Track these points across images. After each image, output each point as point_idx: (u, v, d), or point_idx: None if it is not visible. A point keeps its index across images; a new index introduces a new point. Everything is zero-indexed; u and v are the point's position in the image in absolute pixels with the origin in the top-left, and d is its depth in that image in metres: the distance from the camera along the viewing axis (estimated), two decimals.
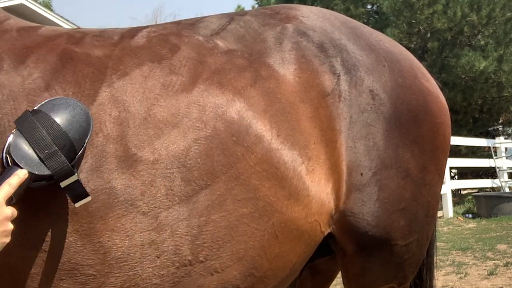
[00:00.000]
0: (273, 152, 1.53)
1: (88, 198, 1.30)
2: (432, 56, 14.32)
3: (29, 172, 1.25)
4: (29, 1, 12.05)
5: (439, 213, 10.92)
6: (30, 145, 1.26)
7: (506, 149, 13.84)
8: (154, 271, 1.40)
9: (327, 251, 1.86)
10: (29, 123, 1.28)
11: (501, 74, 13.63)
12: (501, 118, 16.86)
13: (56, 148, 1.28)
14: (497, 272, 5.60)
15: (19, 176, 1.22)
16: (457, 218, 10.82)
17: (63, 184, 1.27)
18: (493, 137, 14.94)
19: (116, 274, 1.38)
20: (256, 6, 16.37)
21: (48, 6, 23.82)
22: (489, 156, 13.53)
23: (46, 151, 1.27)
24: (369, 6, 16.28)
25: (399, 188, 1.71)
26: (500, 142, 13.69)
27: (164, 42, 1.60)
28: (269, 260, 1.53)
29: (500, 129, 17.67)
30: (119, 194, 1.38)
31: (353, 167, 1.65)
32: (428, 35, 14.63)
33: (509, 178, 13.96)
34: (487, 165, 13.50)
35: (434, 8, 13.54)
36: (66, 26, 11.51)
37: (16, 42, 1.50)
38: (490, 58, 13.31)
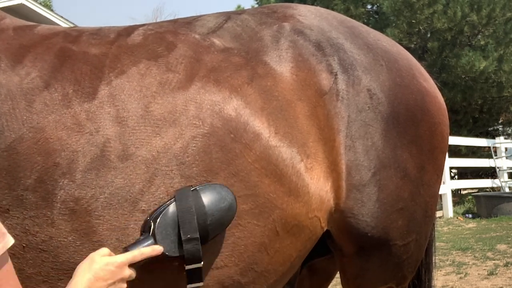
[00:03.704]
0: (272, 149, 1.53)
1: (201, 284, 1.41)
2: (432, 56, 14.32)
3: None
4: (29, 1, 12.05)
5: (439, 213, 10.93)
6: (178, 224, 1.34)
7: (506, 149, 13.84)
8: (152, 267, 1.39)
9: (325, 250, 1.86)
10: (186, 202, 1.37)
11: (501, 74, 13.63)
12: (501, 118, 16.86)
13: (198, 235, 1.36)
14: (497, 272, 5.60)
15: (153, 250, 1.32)
16: (457, 218, 10.82)
17: (188, 267, 1.37)
18: (493, 137, 14.94)
19: None
20: (256, 6, 16.38)
21: (48, 6, 23.83)
22: (489, 156, 13.53)
23: (188, 235, 1.35)
24: (369, 6, 16.28)
25: (397, 188, 1.71)
26: (500, 142, 13.69)
27: (161, 40, 1.60)
28: (269, 255, 1.54)
29: (500, 129, 17.67)
30: (118, 193, 1.38)
31: (353, 166, 1.65)
32: (428, 35, 14.63)
33: (509, 178, 13.96)
34: (487, 165, 13.50)
35: (434, 8, 13.54)
36: (66, 26, 11.50)
37: (12, 41, 1.50)
38: (490, 58, 13.30)
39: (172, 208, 1.36)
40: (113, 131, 1.41)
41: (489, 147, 13.48)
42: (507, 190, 12.85)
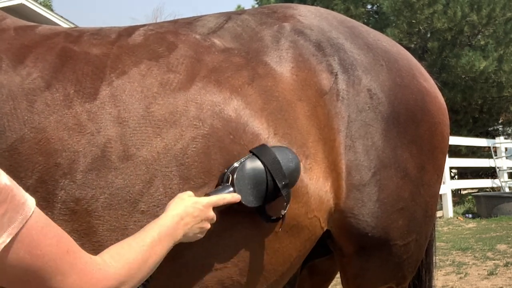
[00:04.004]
0: None
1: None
2: (432, 56, 14.33)
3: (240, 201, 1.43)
4: (29, 1, 12.06)
5: (439, 213, 10.93)
6: (269, 173, 1.45)
7: (506, 149, 13.84)
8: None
9: (325, 251, 1.86)
10: (269, 154, 1.47)
11: (501, 74, 13.63)
12: (501, 118, 16.86)
13: (288, 181, 1.47)
14: (497, 272, 5.60)
15: (233, 197, 1.41)
16: (457, 218, 10.82)
17: (283, 212, 1.49)
18: (493, 137, 14.94)
19: None
20: (256, 6, 16.37)
21: (48, 6, 23.83)
22: (489, 156, 13.53)
23: (283, 182, 1.46)
24: (369, 6, 16.29)
25: (397, 188, 1.71)
26: (500, 142, 13.69)
27: (161, 40, 1.60)
28: (269, 255, 1.54)
29: (500, 129, 17.67)
30: (118, 193, 1.38)
31: (353, 166, 1.65)
32: (428, 35, 14.63)
33: (509, 178, 13.96)
34: (487, 165, 13.50)
35: (434, 8, 13.54)
36: (66, 26, 11.51)
37: (14, 42, 1.50)
38: (490, 58, 13.31)
39: (249, 163, 1.45)
40: (114, 132, 1.41)
41: (489, 147, 13.48)
42: (507, 190, 12.85)
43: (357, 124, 1.68)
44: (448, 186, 11.13)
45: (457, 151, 13.90)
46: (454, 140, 11.88)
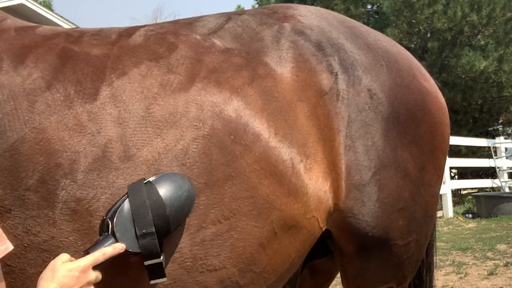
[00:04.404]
0: (271, 150, 1.53)
1: (164, 279, 1.36)
2: (432, 56, 14.32)
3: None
4: (29, 1, 12.05)
5: (439, 213, 10.92)
6: (133, 219, 1.30)
7: (506, 149, 13.83)
8: None
9: (326, 251, 1.86)
10: (139, 197, 1.33)
11: (501, 74, 13.62)
12: (501, 118, 16.85)
13: (154, 229, 1.31)
14: (497, 272, 5.60)
15: (115, 248, 1.28)
16: (457, 218, 10.82)
17: (146, 263, 1.32)
18: (493, 137, 14.93)
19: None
20: (256, 6, 16.37)
21: (48, 6, 23.82)
22: (489, 156, 13.52)
23: (143, 230, 1.31)
24: (369, 6, 16.28)
25: (398, 188, 1.71)
26: (500, 142, 13.69)
27: (162, 40, 1.60)
28: (268, 256, 1.54)
29: (500, 129, 17.66)
30: (119, 194, 1.38)
31: (352, 166, 1.66)
32: (428, 35, 14.62)
33: (509, 178, 13.96)
34: (487, 165, 13.50)
35: (434, 8, 13.54)
36: (66, 26, 11.52)
37: (14, 42, 1.50)
38: (490, 58, 13.30)
39: (127, 204, 1.32)
40: (114, 132, 1.41)
41: (489, 147, 13.48)
42: (507, 190, 12.84)
43: (357, 124, 1.68)
44: (448, 186, 11.13)
45: (457, 151, 13.89)
46: (454, 140, 11.87)
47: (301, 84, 1.65)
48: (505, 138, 15.05)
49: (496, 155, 13.47)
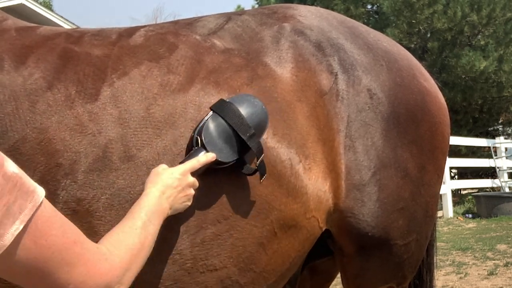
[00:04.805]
0: (270, 150, 1.53)
1: (266, 175, 1.48)
2: (432, 56, 14.33)
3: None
4: (29, 1, 12.05)
5: (439, 213, 10.92)
6: (231, 127, 1.44)
7: (506, 149, 13.84)
8: (154, 269, 1.40)
9: (326, 251, 1.86)
10: (228, 109, 1.45)
11: (501, 74, 13.63)
12: (501, 118, 16.86)
13: (254, 131, 1.45)
14: (497, 272, 5.60)
15: (207, 156, 1.40)
16: (457, 218, 10.82)
17: (258, 161, 1.45)
18: (493, 137, 14.94)
19: None
20: (256, 6, 16.38)
21: (48, 6, 23.83)
22: (489, 156, 13.53)
23: (247, 134, 1.44)
24: (369, 6, 16.29)
25: (398, 188, 1.72)
26: (500, 142, 13.69)
27: (162, 41, 1.61)
28: (268, 255, 1.54)
29: (500, 129, 17.67)
30: (119, 194, 1.38)
31: (352, 166, 1.66)
32: (428, 35, 14.63)
33: (509, 178, 13.96)
34: (487, 165, 13.50)
35: (434, 8, 13.55)
36: (66, 26, 11.52)
37: (15, 42, 1.50)
38: (490, 58, 13.31)
39: (211, 122, 1.43)
40: (115, 133, 1.41)
41: (489, 147, 13.49)
42: (507, 190, 12.85)
43: (357, 124, 1.68)
44: (448, 186, 11.13)
45: (457, 151, 13.89)
46: (454, 140, 11.88)
47: (300, 84, 1.65)
48: (505, 138, 15.05)
49: (496, 155, 13.48)
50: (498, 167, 13.13)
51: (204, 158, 1.39)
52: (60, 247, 0.97)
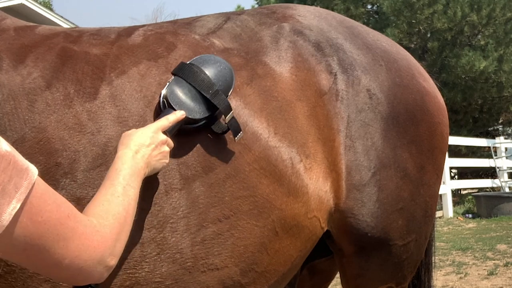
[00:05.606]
0: (271, 150, 1.53)
1: (241, 134, 1.46)
2: (432, 56, 14.33)
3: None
4: (29, 1, 12.06)
5: (439, 213, 10.93)
6: (194, 87, 1.43)
7: (506, 149, 13.85)
8: (154, 269, 1.40)
9: (325, 251, 1.86)
10: (189, 70, 1.44)
11: (501, 74, 13.64)
12: (501, 118, 16.87)
13: (217, 88, 1.44)
14: (497, 272, 5.60)
15: (176, 115, 1.38)
16: (457, 218, 10.83)
17: (227, 118, 1.43)
18: (493, 137, 14.95)
19: (116, 273, 1.37)
20: (256, 6, 16.38)
21: (48, 6, 23.84)
22: (489, 156, 13.53)
23: (210, 91, 1.43)
24: (369, 6, 16.31)
25: (397, 188, 1.72)
26: (500, 142, 13.70)
27: (161, 40, 1.60)
28: (269, 255, 1.54)
29: (500, 129, 17.68)
30: None
31: (352, 166, 1.66)
32: (428, 35, 14.64)
33: (509, 178, 13.97)
34: (487, 165, 13.51)
35: (434, 8, 13.55)
36: (66, 26, 11.52)
37: (14, 41, 1.50)
38: (490, 58, 13.32)
39: (175, 84, 1.43)
40: (114, 131, 1.41)
41: (489, 147, 13.49)
42: (507, 190, 12.85)
43: (356, 124, 1.68)
44: (448, 186, 11.14)
45: (457, 151, 13.91)
46: (454, 140, 11.88)
47: (300, 84, 1.65)
48: (505, 138, 15.06)
49: (496, 155, 13.48)
50: (498, 167, 13.13)
51: (173, 116, 1.37)
52: (55, 222, 0.97)
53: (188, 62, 1.47)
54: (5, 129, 1.35)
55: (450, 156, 11.53)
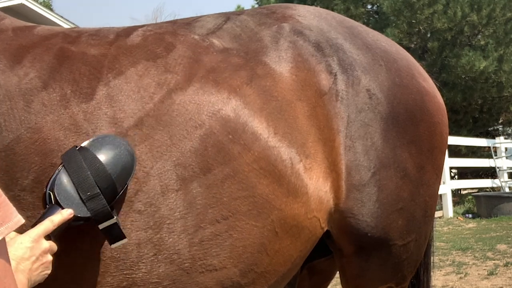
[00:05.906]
0: (271, 150, 1.53)
1: (125, 240, 1.31)
2: (432, 56, 14.33)
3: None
4: (29, 1, 12.05)
5: (439, 213, 10.93)
6: (74, 185, 1.27)
7: (506, 149, 13.84)
8: (151, 270, 1.39)
9: (325, 251, 1.86)
10: (76, 162, 1.29)
11: (501, 74, 13.64)
12: (501, 118, 16.87)
13: (98, 190, 1.28)
14: (497, 272, 5.60)
15: (62, 215, 1.24)
16: (457, 218, 10.82)
17: (101, 226, 1.28)
18: (493, 137, 14.95)
19: (113, 274, 1.37)
20: (256, 6, 16.38)
21: (48, 6, 23.85)
22: (489, 156, 13.53)
23: (88, 193, 1.28)
24: (369, 6, 16.31)
25: (397, 188, 1.71)
26: (500, 142, 13.70)
27: (160, 40, 1.60)
28: (269, 256, 1.53)
29: (500, 129, 17.68)
30: None
31: (352, 166, 1.65)
32: (428, 35, 14.64)
33: (509, 178, 13.97)
34: (487, 165, 13.51)
35: (434, 8, 13.55)
36: (66, 26, 11.52)
37: (12, 42, 1.50)
38: (490, 58, 13.32)
39: (64, 172, 1.29)
40: (110, 132, 1.41)
41: (489, 147, 13.49)
42: (507, 190, 12.85)
43: (356, 125, 1.67)
44: (448, 186, 11.14)
45: (457, 151, 13.91)
46: (454, 140, 11.88)
47: (300, 84, 1.65)
48: (505, 138, 15.06)
49: (496, 155, 13.48)
50: (498, 167, 13.13)
51: (59, 217, 1.23)
52: None
53: (84, 145, 1.34)
54: (1, 129, 1.35)
55: (450, 156, 11.53)
